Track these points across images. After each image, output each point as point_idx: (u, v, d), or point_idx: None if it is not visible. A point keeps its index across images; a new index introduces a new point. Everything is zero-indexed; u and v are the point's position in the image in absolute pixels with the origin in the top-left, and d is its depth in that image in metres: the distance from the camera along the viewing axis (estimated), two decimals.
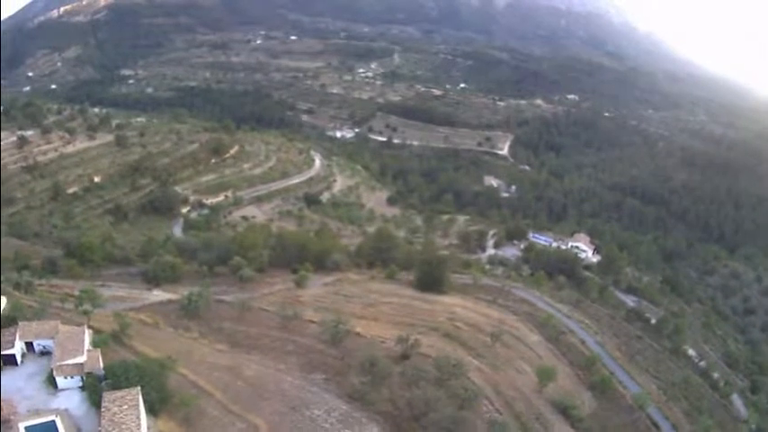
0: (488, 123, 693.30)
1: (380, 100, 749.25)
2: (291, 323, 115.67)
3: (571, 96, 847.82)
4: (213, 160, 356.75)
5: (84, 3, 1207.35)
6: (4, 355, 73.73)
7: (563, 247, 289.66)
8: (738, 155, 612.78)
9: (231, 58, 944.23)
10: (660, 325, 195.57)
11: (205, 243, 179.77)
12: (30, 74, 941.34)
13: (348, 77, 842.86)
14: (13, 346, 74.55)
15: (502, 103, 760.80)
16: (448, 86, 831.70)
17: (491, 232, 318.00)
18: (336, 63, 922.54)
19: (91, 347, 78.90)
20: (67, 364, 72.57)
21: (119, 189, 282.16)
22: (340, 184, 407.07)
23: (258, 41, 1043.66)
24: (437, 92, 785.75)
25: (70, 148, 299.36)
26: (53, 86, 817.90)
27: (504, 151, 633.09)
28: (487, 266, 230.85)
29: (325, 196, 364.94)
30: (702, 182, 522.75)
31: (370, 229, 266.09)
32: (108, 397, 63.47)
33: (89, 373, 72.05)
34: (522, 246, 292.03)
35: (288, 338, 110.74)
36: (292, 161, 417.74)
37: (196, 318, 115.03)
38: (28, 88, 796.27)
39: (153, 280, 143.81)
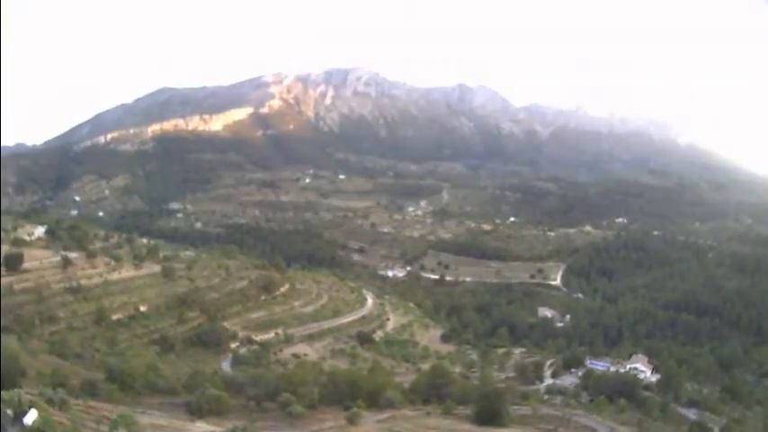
0: (539, 254, 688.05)
1: (431, 237, 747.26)
2: None
3: (619, 220, 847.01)
4: (263, 297, 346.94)
5: (131, 132, 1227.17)
6: None
7: (621, 370, 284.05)
8: None
9: (280, 197, 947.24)
10: None
11: (253, 378, 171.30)
12: (77, 198, 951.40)
13: (398, 216, 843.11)
14: None
15: (552, 234, 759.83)
16: (498, 221, 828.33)
17: (548, 363, 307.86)
18: (386, 202, 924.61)
19: None
20: None
21: (165, 320, 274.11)
22: (393, 322, 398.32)
23: (307, 180, 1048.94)
24: (487, 227, 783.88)
25: (115, 275, 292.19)
26: (100, 214, 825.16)
27: (557, 281, 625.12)
28: (546, 396, 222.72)
29: (378, 335, 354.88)
30: (753, 285, 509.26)
31: (425, 367, 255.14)
32: None
33: None
34: (579, 373, 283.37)
35: None
36: (344, 299, 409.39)
37: None
38: (75, 212, 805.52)
39: (197, 412, 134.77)
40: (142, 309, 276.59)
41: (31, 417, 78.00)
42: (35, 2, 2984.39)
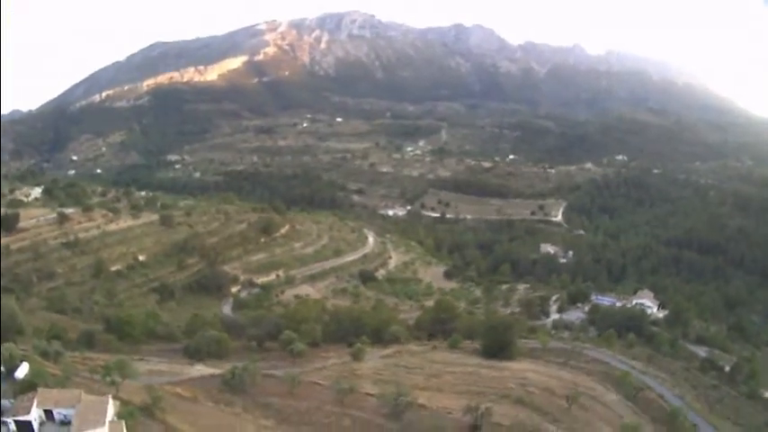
0: (540, 192, 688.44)
1: (431, 176, 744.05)
2: (347, 397, 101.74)
3: (619, 157, 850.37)
4: (263, 239, 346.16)
5: (125, 88, 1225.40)
6: (19, 421, 65.48)
7: (627, 305, 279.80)
8: None
9: (278, 142, 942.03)
10: (734, 372, 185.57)
11: (254, 319, 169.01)
12: (74, 157, 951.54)
13: (397, 156, 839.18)
14: (29, 413, 65.56)
15: (552, 171, 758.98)
16: (497, 159, 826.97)
17: (553, 297, 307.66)
18: (384, 143, 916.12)
19: (115, 419, 68.91)
20: None
21: (164, 268, 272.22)
22: (395, 260, 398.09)
23: (304, 125, 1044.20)
24: (487, 164, 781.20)
25: (113, 227, 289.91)
26: (98, 171, 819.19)
27: (558, 218, 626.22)
28: (553, 331, 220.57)
29: (380, 273, 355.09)
30: (757, 226, 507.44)
31: (429, 304, 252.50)
32: None
33: None
34: (585, 308, 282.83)
35: (344, 413, 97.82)
36: (345, 239, 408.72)
37: (241, 393, 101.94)
38: (72, 172, 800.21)
39: (196, 355, 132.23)
40: (141, 258, 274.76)
41: (22, 370, 77.95)
42: None
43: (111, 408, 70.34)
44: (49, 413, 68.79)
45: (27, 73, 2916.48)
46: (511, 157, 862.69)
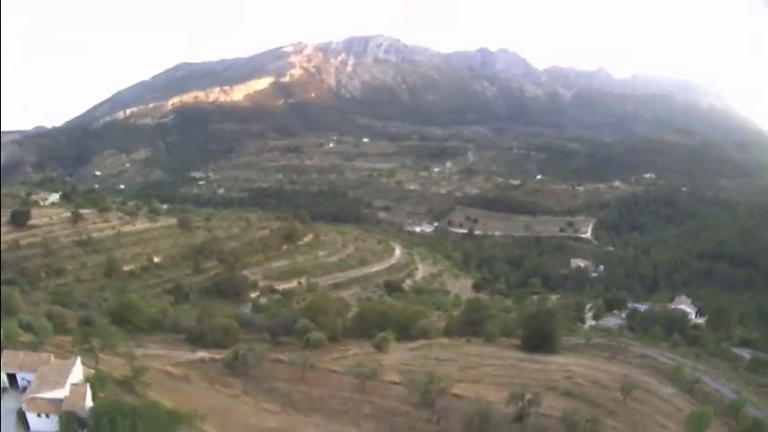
0: (569, 209, 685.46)
1: (458, 194, 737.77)
2: (369, 384, 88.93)
3: (647, 175, 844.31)
4: (285, 247, 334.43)
5: (150, 106, 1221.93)
6: None
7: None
8: None
9: (304, 162, 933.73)
10: None
11: (270, 314, 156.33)
12: (97, 173, 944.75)
13: (424, 174, 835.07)
14: None
15: (581, 188, 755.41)
16: (525, 179, 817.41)
17: (588, 305, 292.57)
18: (410, 163, 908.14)
19: (80, 383, 57.46)
20: (41, 399, 53.13)
21: (180, 270, 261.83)
22: (422, 271, 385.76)
23: (330, 145, 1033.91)
24: (515, 182, 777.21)
25: (129, 228, 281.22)
26: (121, 186, 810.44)
27: (588, 234, 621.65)
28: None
29: (406, 284, 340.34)
30: None
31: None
32: None
33: (68, 413, 51.65)
34: (623, 315, 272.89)
35: (363, 400, 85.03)
36: (371, 249, 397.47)
37: (243, 376, 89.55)
38: (96, 186, 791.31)
39: (199, 341, 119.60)
40: (156, 260, 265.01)
41: None
42: None
43: (79, 370, 60.27)
44: (12, 377, 60.39)
45: (51, 90, 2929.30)
46: (538, 177, 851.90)
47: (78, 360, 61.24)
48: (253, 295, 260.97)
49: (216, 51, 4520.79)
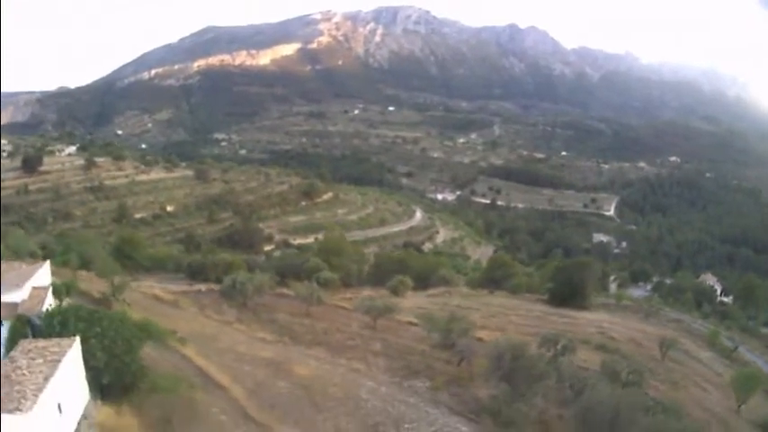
0: (593, 185, 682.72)
1: (483, 164, 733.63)
2: (381, 324, 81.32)
3: (672, 158, 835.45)
4: (304, 203, 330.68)
5: (175, 68, 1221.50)
6: None
7: None
8: None
9: (328, 127, 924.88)
10: None
11: (279, 258, 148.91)
12: (119, 132, 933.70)
13: (449, 143, 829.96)
14: None
15: (606, 166, 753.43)
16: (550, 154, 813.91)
17: (611, 277, 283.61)
18: (435, 133, 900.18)
19: (42, 288, 49.80)
20: None
21: (194, 220, 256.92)
22: (443, 235, 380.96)
23: (355, 112, 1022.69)
24: (540, 155, 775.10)
25: (143, 177, 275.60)
26: (143, 146, 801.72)
27: (611, 212, 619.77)
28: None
29: (426, 246, 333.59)
30: None
31: None
32: (23, 346, 36.41)
33: (20, 316, 44.53)
34: (648, 287, 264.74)
35: (374, 337, 76.83)
36: (391, 211, 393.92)
37: (241, 307, 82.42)
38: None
39: (200, 275, 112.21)
40: (169, 208, 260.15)
41: None
42: None
43: (47, 276, 52.67)
44: None
45: (76, 51, 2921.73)
46: (563, 153, 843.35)
47: (47, 264, 53.63)
48: (267, 248, 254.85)
49: (244, 16, 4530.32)
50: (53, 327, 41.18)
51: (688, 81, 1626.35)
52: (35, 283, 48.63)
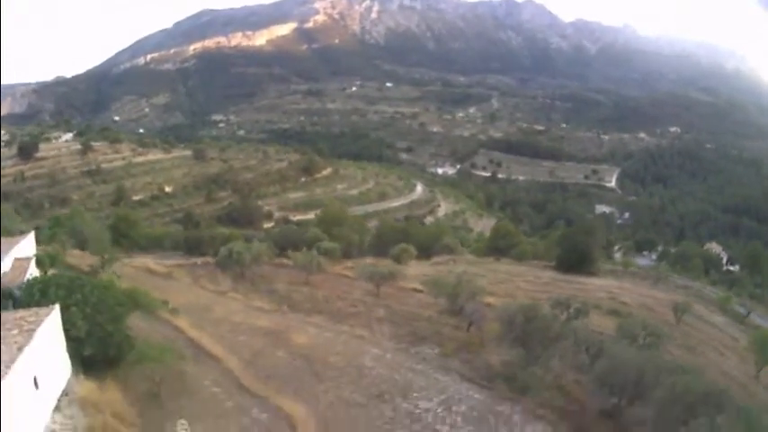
0: (594, 156, 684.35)
1: (482, 137, 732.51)
2: (384, 291, 78.70)
3: (673, 129, 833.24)
4: (303, 179, 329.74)
5: (171, 52, 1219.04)
6: None
7: None
8: None
9: (326, 105, 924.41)
10: None
11: (280, 232, 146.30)
12: (116, 118, 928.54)
13: (448, 117, 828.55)
14: None
15: (606, 137, 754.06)
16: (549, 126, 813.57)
17: (615, 247, 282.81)
18: (434, 108, 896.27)
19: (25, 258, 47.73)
20: None
21: (192, 199, 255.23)
22: (444, 209, 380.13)
23: (353, 89, 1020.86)
24: (540, 127, 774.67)
25: (141, 159, 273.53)
26: (141, 131, 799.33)
27: (612, 183, 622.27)
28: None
29: (428, 220, 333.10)
30: None
31: None
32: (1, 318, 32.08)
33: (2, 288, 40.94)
34: (653, 257, 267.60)
35: (378, 303, 74.31)
36: (392, 185, 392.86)
37: (238, 278, 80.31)
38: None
39: (196, 249, 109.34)
40: (167, 189, 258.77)
41: None
42: None
43: (31, 248, 51.47)
44: None
45: (72, 40, 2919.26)
46: (563, 125, 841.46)
47: (30, 235, 52.41)
48: (267, 226, 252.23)
49: None
50: (32, 296, 38.77)
51: (686, 54, 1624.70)
52: (17, 255, 46.51)
